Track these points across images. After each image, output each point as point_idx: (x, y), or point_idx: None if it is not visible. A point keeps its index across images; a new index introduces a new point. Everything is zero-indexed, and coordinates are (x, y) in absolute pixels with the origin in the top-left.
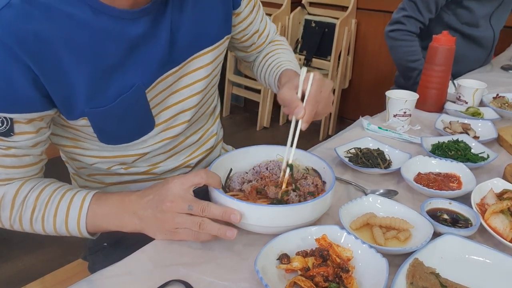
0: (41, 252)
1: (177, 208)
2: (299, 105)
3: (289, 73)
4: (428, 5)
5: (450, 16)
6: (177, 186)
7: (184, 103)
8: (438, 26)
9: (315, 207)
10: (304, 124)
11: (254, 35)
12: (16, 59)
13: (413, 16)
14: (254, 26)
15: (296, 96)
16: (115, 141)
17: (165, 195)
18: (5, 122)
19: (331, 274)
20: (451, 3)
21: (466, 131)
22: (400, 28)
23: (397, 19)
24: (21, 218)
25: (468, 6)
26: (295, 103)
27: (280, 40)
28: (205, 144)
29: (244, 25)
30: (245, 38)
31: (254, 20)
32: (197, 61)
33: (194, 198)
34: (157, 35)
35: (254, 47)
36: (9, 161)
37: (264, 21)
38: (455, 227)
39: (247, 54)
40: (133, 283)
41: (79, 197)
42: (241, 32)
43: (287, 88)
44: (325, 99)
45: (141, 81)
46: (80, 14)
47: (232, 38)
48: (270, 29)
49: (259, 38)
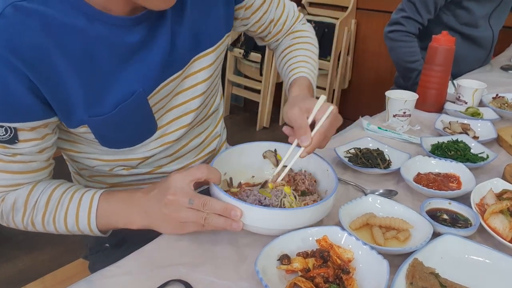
0: (41, 252)
1: (179, 201)
2: (307, 133)
3: (302, 86)
4: (427, 6)
5: (449, 17)
6: (178, 180)
7: (185, 105)
8: (437, 26)
9: (316, 211)
10: (305, 153)
11: (270, 24)
12: (13, 68)
13: (412, 17)
14: (269, 15)
15: (306, 122)
16: (117, 146)
17: (166, 189)
18: (9, 130)
19: (332, 275)
20: (450, 3)
21: (465, 131)
22: (399, 29)
23: (396, 19)
24: (33, 220)
25: (467, 6)
26: (303, 130)
27: (301, 30)
28: (209, 146)
29: (258, 16)
30: (261, 29)
31: (268, 8)
32: (198, 63)
33: (195, 193)
34: (156, 41)
35: (271, 36)
36: (17, 167)
37: (281, 7)
38: (455, 227)
39: (266, 43)
40: (133, 283)
41: (87, 198)
42: (255, 23)
43: (299, 110)
44: (331, 135)
45: (142, 88)
46: (75, 22)
47: (249, 30)
48: (288, 14)
49: (275, 26)
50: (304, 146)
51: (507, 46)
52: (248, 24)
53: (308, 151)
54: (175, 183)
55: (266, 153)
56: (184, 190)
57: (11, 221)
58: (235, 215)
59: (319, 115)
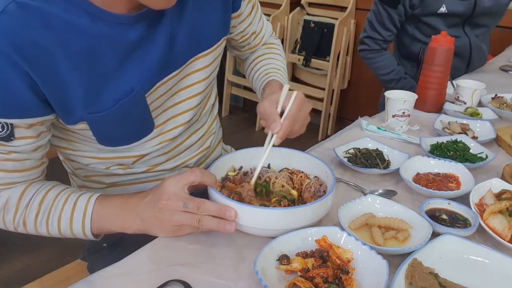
0: (40, 253)
1: (173, 206)
2: (276, 120)
3: (273, 85)
4: (384, 24)
5: (414, 29)
6: (172, 184)
7: (182, 104)
8: (405, 37)
9: (315, 209)
10: (278, 139)
11: (251, 36)
12: (14, 65)
13: (372, 36)
14: (252, 27)
15: (275, 111)
16: (115, 144)
17: (161, 194)
18: (6, 127)
19: (331, 275)
20: (411, 18)
21: (464, 131)
22: (365, 48)
23: (361, 39)
24: (25, 221)
25: (428, 22)
26: (273, 118)
27: (274, 43)
28: (204, 144)
29: (243, 26)
30: (243, 39)
31: (252, 21)
32: (196, 63)
33: (189, 196)
34: (154, 39)
35: (248, 47)
36: (11, 165)
37: (262, 22)
38: (454, 227)
39: (240, 53)
40: (132, 283)
41: (82, 201)
42: (240, 33)
43: (268, 102)
44: (302, 119)
45: (140, 86)
46: (77, 20)
47: (231, 39)
48: (266, 29)
49: (255, 39)
50: (276, 133)
51: (506, 46)
52: (233, 32)
53: (280, 136)
54: (169, 187)
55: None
56: (178, 194)
57: (1, 220)
58: (230, 216)
59: (286, 103)
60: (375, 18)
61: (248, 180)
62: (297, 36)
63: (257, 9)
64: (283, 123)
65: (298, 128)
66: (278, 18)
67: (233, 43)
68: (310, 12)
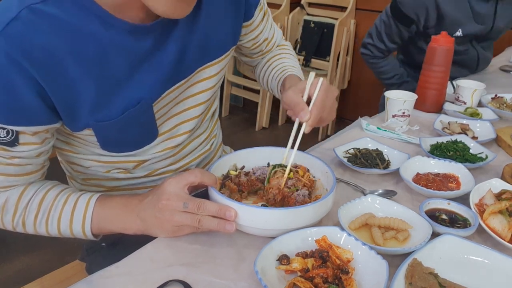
0: (40, 253)
1: (173, 206)
2: (305, 108)
3: (293, 78)
4: (392, 38)
5: (423, 43)
6: (172, 185)
7: (187, 112)
8: (411, 47)
9: (315, 209)
10: (308, 127)
11: (264, 42)
12: (23, 72)
13: (377, 45)
14: (264, 34)
15: (302, 99)
16: (117, 150)
17: (160, 194)
18: (10, 133)
19: (331, 275)
20: (417, 35)
21: (464, 131)
22: (367, 54)
23: (364, 44)
24: (24, 222)
25: None
26: (301, 106)
27: (285, 44)
28: (205, 147)
29: (255, 34)
30: (254, 46)
31: (264, 29)
32: (204, 72)
33: (189, 196)
34: (165, 50)
35: (261, 54)
36: (13, 170)
37: (273, 29)
38: (454, 227)
39: (251, 60)
40: (132, 283)
41: (82, 202)
42: (251, 40)
43: (293, 91)
44: (330, 106)
45: (148, 95)
46: (88, 26)
47: (242, 46)
48: (277, 36)
49: (267, 46)
50: (305, 121)
51: (506, 46)
52: (244, 40)
53: (310, 124)
54: (169, 188)
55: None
56: (178, 194)
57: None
58: (230, 216)
59: (312, 90)
60: (384, 29)
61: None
62: (297, 36)
63: (268, 16)
64: (312, 110)
65: (327, 114)
66: (278, 18)
67: (244, 51)
68: (310, 12)
